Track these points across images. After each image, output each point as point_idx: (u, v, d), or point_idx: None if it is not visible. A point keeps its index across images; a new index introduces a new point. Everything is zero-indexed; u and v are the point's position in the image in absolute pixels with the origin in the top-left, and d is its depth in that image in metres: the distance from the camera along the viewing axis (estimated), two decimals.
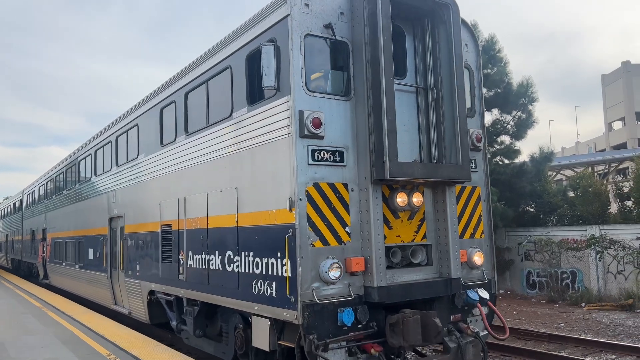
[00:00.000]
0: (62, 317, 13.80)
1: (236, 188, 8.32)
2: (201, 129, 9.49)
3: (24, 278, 29.44)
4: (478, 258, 8.39)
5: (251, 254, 7.87)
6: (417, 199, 7.79)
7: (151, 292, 11.70)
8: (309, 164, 7.11)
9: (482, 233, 8.76)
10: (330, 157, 7.28)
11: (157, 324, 12.23)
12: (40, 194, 25.44)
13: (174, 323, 10.75)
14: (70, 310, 15.12)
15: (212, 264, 8.92)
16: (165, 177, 10.96)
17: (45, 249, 23.37)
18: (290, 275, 6.96)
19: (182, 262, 10.02)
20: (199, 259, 9.37)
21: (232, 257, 8.35)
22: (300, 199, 6.98)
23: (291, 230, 6.99)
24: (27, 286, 23.98)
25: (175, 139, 10.54)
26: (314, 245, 7.01)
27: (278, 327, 7.49)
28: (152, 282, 11.40)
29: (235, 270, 8.22)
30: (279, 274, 7.21)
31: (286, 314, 7.02)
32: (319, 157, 7.18)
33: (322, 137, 7.19)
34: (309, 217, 7.01)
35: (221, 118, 8.86)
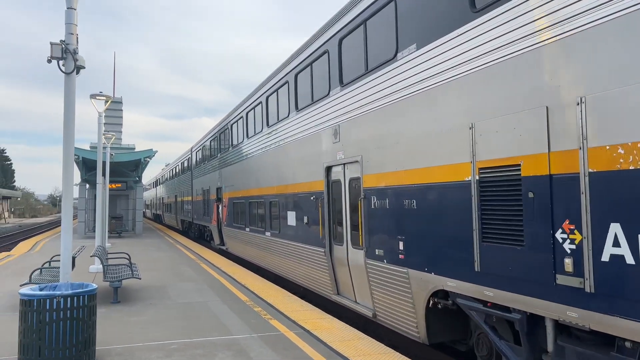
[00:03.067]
0: (212, 269, 14.37)
1: None
2: None
3: (194, 241, 26.59)
4: None
5: None
6: None
7: (437, 294, 6.20)
8: None
9: None
10: None
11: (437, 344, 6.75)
12: (213, 148, 21.54)
13: None
14: (219, 263, 15.76)
15: None
16: (489, 72, 5.17)
17: (220, 210, 19.55)
18: None
19: (570, 247, 4.22)
20: None
21: None
22: None
23: None
24: (188, 243, 24.16)
25: None
26: None
27: None
28: (448, 277, 5.83)
29: None
30: None
31: None
32: None
33: None
34: None
35: None
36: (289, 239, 11.34)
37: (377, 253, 7.44)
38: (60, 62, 6.08)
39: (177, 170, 35.27)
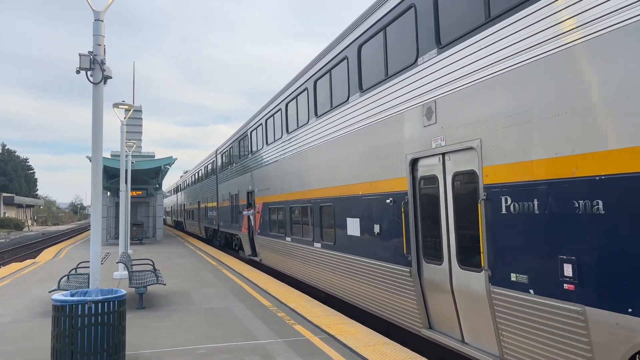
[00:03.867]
0: (233, 274, 14.11)
1: None
2: None
3: (220, 249, 24.10)
4: None
5: None
6: None
7: None
8: None
9: None
10: None
11: None
12: (242, 149, 19.07)
13: None
14: (239, 268, 15.43)
15: None
16: None
17: (252, 217, 17.13)
18: None
19: None
20: None
21: None
22: None
23: None
24: (207, 249, 23.60)
25: None
26: None
27: None
28: None
29: None
30: None
31: None
32: None
33: None
34: None
35: None
36: (351, 253, 8.94)
37: (514, 279, 5.02)
38: (89, 73, 6.10)
39: (200, 175, 32.88)
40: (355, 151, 8.73)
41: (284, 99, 13.16)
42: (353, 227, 8.80)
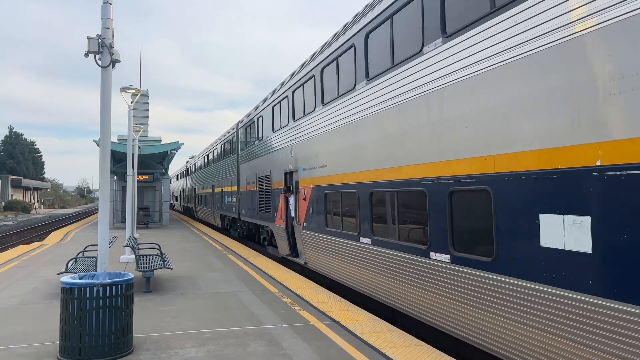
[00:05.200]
0: (239, 259, 14.08)
1: None
2: None
3: (239, 241, 20.74)
4: None
5: None
6: None
7: None
8: None
9: None
10: None
11: None
12: (280, 117, 14.61)
13: None
14: (244, 253, 15.48)
15: None
16: None
17: (294, 205, 13.24)
18: None
19: None
20: None
21: None
22: None
23: None
24: (212, 232, 23.21)
25: None
26: None
27: None
28: None
29: None
30: None
31: None
32: None
33: None
34: None
35: None
36: (553, 284, 4.58)
37: None
38: (97, 56, 6.04)
39: (215, 155, 28.33)
40: (576, 81, 4.31)
41: (362, 28, 8.78)
42: (562, 234, 4.53)
